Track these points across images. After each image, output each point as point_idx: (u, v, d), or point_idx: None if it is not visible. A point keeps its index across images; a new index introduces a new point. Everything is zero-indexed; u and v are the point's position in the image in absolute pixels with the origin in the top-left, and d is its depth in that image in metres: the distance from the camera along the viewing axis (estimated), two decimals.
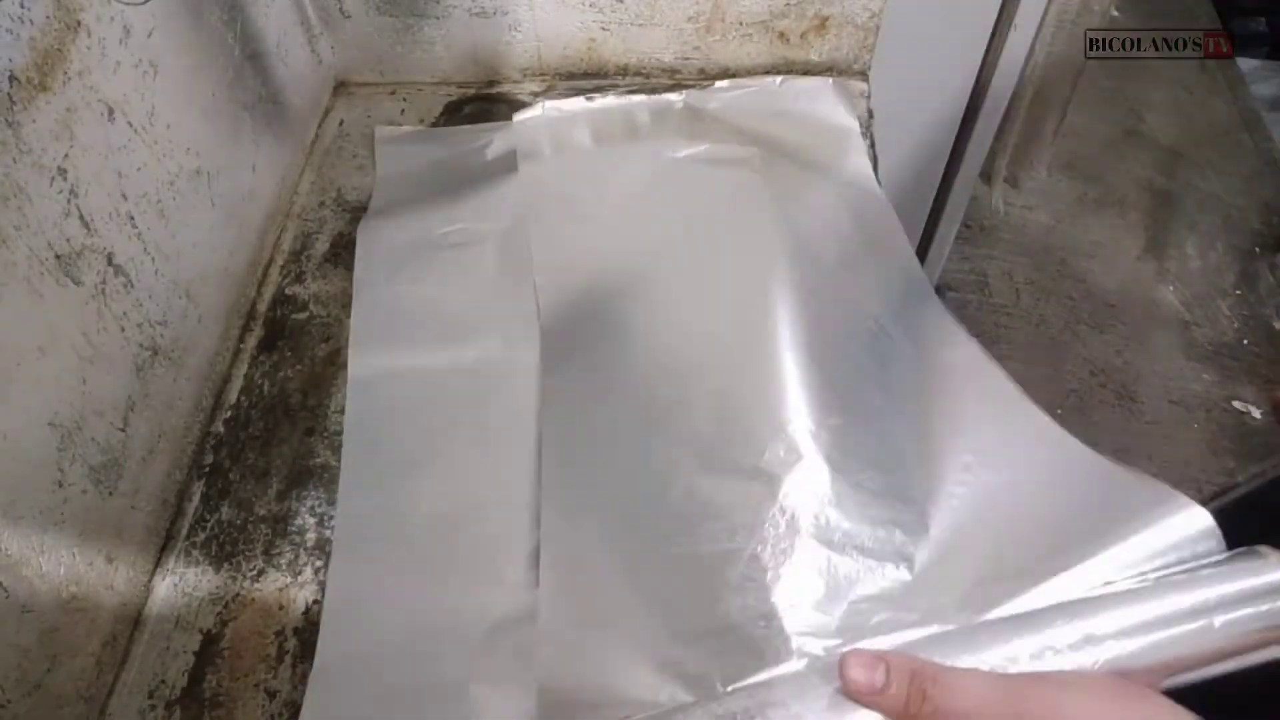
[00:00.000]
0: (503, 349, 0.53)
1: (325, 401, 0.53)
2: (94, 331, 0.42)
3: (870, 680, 0.30)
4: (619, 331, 0.52)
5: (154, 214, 0.47)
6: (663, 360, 0.50)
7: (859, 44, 0.69)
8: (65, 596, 0.40)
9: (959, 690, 0.29)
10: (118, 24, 0.44)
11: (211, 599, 0.46)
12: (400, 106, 0.72)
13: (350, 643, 0.43)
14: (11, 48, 0.37)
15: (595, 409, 0.49)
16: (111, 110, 0.44)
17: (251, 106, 0.59)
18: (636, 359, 0.51)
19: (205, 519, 0.49)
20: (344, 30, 0.69)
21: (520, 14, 0.68)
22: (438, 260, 0.59)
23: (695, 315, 0.52)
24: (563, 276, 0.56)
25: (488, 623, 0.43)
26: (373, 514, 0.47)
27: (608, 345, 0.52)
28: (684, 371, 0.49)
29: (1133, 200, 1.44)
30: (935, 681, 0.29)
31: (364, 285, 0.58)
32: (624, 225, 0.59)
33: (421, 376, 0.53)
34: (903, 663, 0.30)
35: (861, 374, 0.47)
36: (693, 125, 0.65)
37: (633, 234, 0.58)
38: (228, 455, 0.51)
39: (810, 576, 0.38)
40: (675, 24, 0.68)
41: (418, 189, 0.64)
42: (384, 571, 0.45)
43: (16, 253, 0.37)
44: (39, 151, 0.39)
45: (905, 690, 0.29)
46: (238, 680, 0.43)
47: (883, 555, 0.38)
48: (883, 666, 0.30)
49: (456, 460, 0.49)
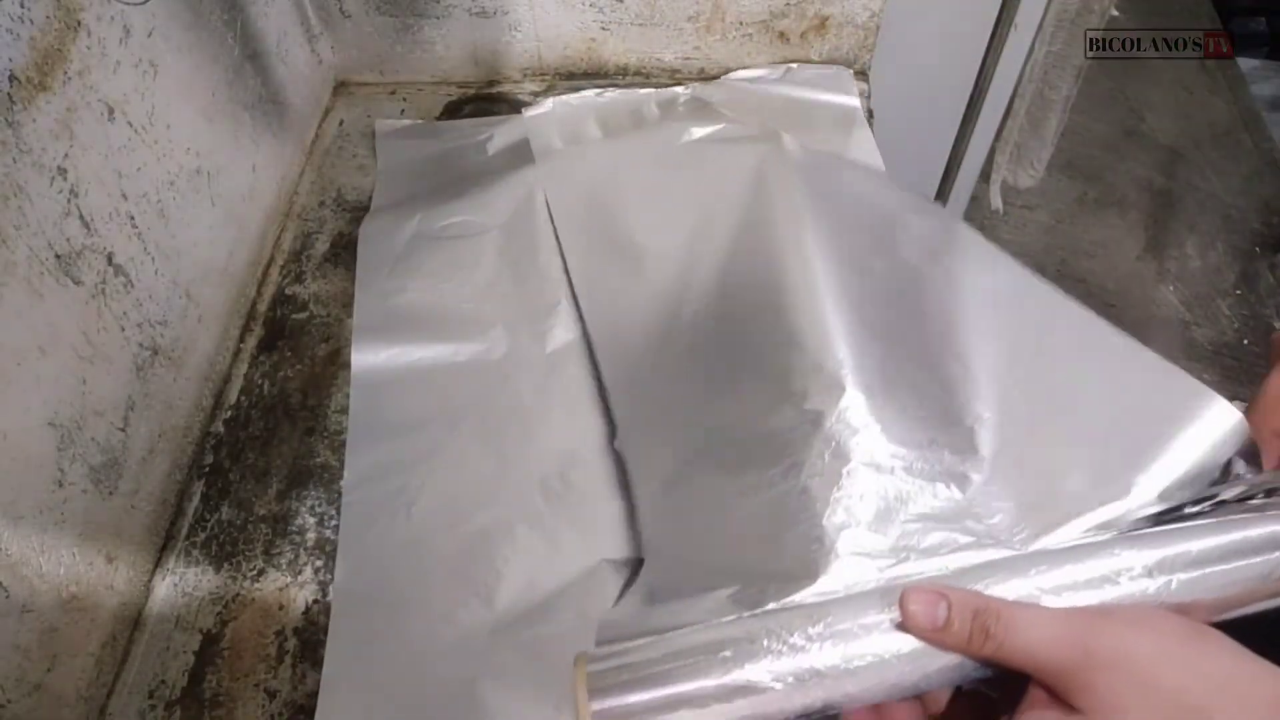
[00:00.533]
0: (505, 340, 0.54)
1: (325, 401, 0.53)
2: (94, 331, 0.42)
3: (932, 616, 0.29)
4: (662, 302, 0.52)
5: (154, 214, 0.47)
6: (707, 325, 0.50)
7: (859, 44, 0.69)
8: (65, 596, 0.40)
9: (1023, 627, 0.28)
10: (118, 24, 0.44)
11: (211, 599, 0.46)
12: (400, 106, 0.72)
13: (358, 642, 0.43)
14: (12, 47, 0.37)
15: (651, 377, 0.49)
16: (111, 110, 0.44)
17: (251, 106, 0.59)
18: (683, 327, 0.51)
19: (205, 519, 0.49)
20: (344, 30, 0.69)
21: (520, 14, 0.68)
22: (439, 253, 0.59)
23: (732, 278, 0.52)
24: (596, 257, 0.56)
25: (494, 618, 0.43)
26: (377, 510, 0.47)
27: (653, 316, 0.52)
28: (729, 332, 0.50)
29: (1133, 200, 1.44)
30: (999, 618, 0.28)
31: (367, 278, 0.58)
32: (651, 204, 0.59)
33: (424, 369, 0.53)
34: (965, 599, 0.29)
35: (899, 308, 0.47)
36: (702, 112, 0.66)
37: (661, 210, 0.58)
38: (228, 455, 0.51)
39: (860, 501, 0.38)
40: (675, 24, 0.68)
41: (419, 182, 0.64)
42: (389, 568, 0.45)
43: (16, 252, 0.37)
44: (39, 151, 0.39)
45: (968, 627, 0.28)
46: (238, 680, 0.43)
47: (933, 475, 0.38)
48: (944, 603, 0.29)
49: (459, 454, 0.49)
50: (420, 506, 0.47)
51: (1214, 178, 1.47)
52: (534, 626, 0.42)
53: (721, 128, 0.62)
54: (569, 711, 0.40)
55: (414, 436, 0.50)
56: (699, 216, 0.56)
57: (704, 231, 0.55)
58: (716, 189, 0.58)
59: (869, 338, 0.45)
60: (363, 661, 0.42)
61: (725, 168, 0.59)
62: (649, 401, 0.49)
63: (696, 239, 0.55)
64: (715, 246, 0.54)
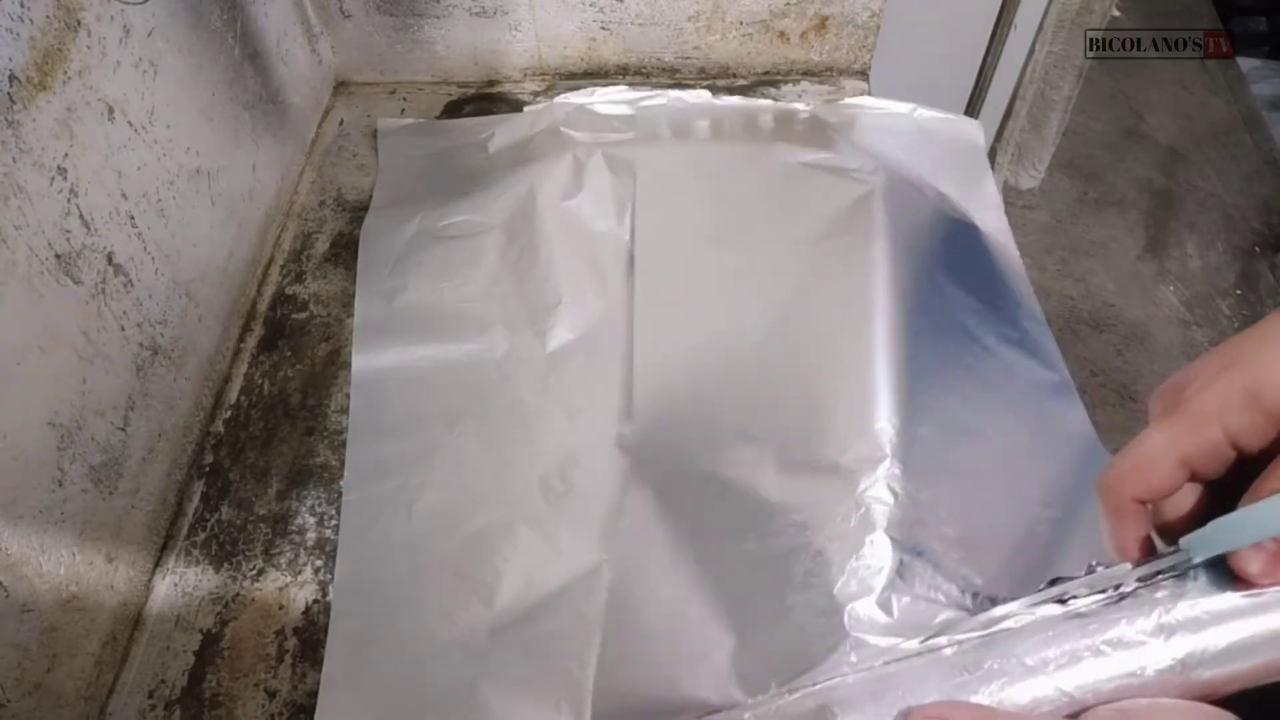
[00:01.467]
0: (506, 339, 0.54)
1: (325, 401, 0.53)
2: (94, 331, 0.42)
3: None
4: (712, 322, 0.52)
5: (154, 213, 0.47)
6: (754, 355, 0.50)
7: (859, 43, 0.69)
8: (65, 596, 0.40)
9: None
10: (118, 23, 0.44)
11: (211, 598, 0.46)
12: (400, 106, 0.72)
13: (358, 641, 0.43)
14: (11, 47, 0.37)
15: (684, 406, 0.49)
16: (111, 110, 0.44)
17: (251, 106, 0.59)
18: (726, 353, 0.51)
19: (205, 518, 0.49)
20: (344, 30, 0.69)
21: (520, 13, 0.68)
22: (440, 252, 0.59)
23: (792, 311, 0.52)
24: (662, 263, 0.56)
25: (494, 618, 0.43)
26: (377, 510, 0.47)
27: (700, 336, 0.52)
28: (774, 367, 0.49)
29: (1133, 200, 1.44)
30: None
31: (367, 277, 0.58)
32: (731, 220, 0.58)
33: (425, 369, 0.53)
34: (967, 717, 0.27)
35: (954, 388, 0.47)
36: (817, 135, 0.64)
37: (739, 228, 0.58)
38: (228, 455, 0.51)
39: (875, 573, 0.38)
40: (676, 23, 0.68)
41: (420, 181, 0.64)
42: (389, 567, 0.45)
43: (16, 252, 0.37)
44: (39, 151, 0.39)
45: None
46: (238, 680, 0.43)
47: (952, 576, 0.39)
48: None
49: (459, 454, 0.49)
50: (420, 506, 0.47)
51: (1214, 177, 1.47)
52: (534, 626, 0.42)
53: (829, 155, 0.61)
54: (568, 711, 0.40)
55: (414, 436, 0.50)
56: (773, 240, 0.56)
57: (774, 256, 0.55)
58: (801, 215, 0.57)
59: (921, 407, 0.45)
60: (363, 661, 0.42)
61: (816, 199, 0.58)
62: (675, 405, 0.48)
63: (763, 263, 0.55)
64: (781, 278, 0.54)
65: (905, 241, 0.54)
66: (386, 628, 0.43)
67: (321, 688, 0.41)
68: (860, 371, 0.47)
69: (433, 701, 0.41)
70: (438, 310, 0.56)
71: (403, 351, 0.53)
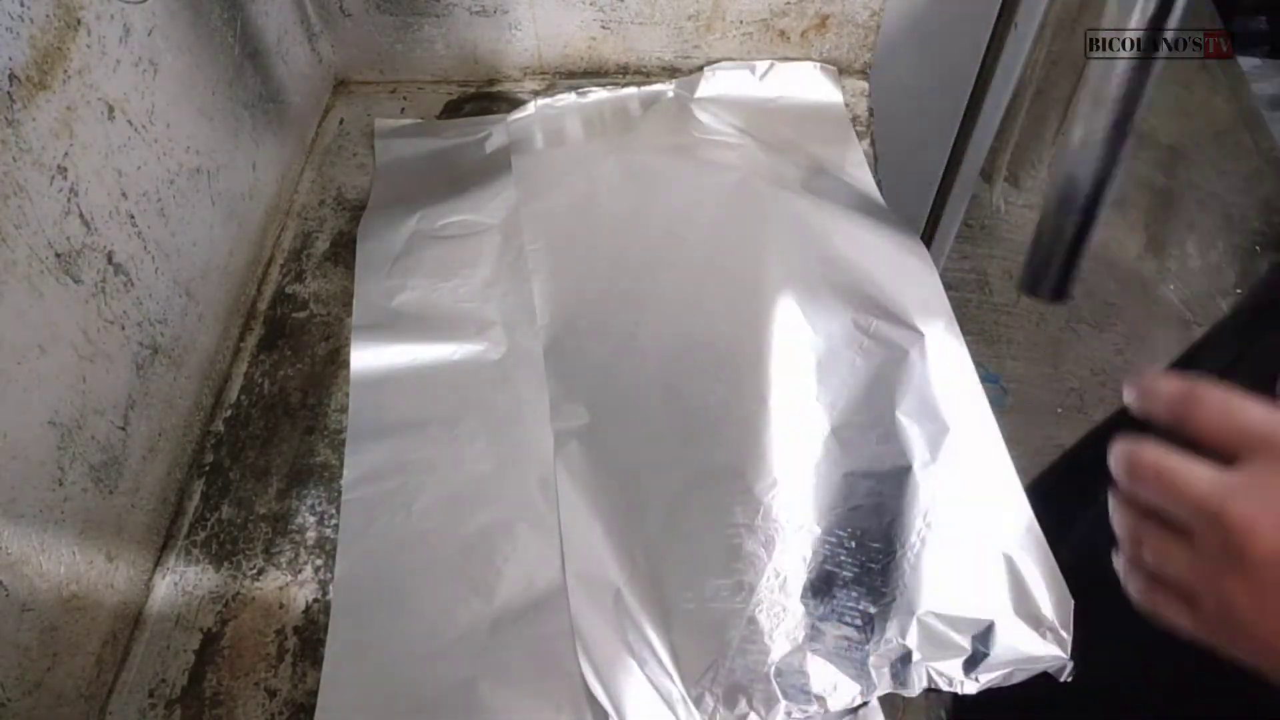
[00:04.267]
0: (505, 339, 0.54)
1: (325, 400, 0.53)
2: (94, 330, 0.42)
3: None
4: (619, 341, 0.53)
5: (154, 212, 0.47)
6: (666, 379, 0.51)
7: (859, 43, 0.69)
8: (65, 595, 0.40)
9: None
10: (118, 22, 0.44)
11: (212, 597, 0.46)
12: (400, 105, 0.72)
13: (358, 640, 0.43)
14: (11, 46, 0.37)
15: (605, 430, 0.49)
16: (111, 109, 0.44)
17: (251, 105, 0.59)
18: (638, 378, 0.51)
19: (205, 518, 0.49)
20: (344, 29, 0.69)
21: (520, 13, 0.68)
22: (438, 251, 0.59)
23: (691, 318, 0.54)
24: (561, 273, 0.56)
25: (494, 617, 0.43)
26: (377, 509, 0.47)
27: (609, 356, 0.53)
28: (683, 391, 0.51)
29: (1133, 200, 1.44)
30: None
31: (366, 276, 0.58)
32: (618, 218, 0.59)
33: (424, 368, 0.53)
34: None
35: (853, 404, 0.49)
36: (683, 116, 0.66)
37: (628, 227, 0.59)
38: (228, 454, 0.51)
39: (798, 639, 0.41)
40: (676, 22, 0.68)
41: (417, 181, 0.64)
42: (389, 566, 0.45)
43: (17, 251, 0.37)
44: (39, 150, 0.39)
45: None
46: (238, 679, 0.43)
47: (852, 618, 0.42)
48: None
49: (459, 453, 0.49)
50: (420, 505, 0.47)
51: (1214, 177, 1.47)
52: (534, 625, 0.42)
53: (701, 137, 0.63)
54: (568, 711, 0.40)
55: (414, 435, 0.50)
56: (664, 239, 0.58)
57: (666, 257, 0.57)
58: (685, 206, 0.59)
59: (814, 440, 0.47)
60: (363, 660, 0.42)
61: (697, 185, 0.60)
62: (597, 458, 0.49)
63: (659, 265, 0.57)
64: (676, 278, 0.56)
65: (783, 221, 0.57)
66: (387, 627, 0.43)
67: (321, 687, 0.41)
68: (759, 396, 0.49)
69: (433, 700, 0.41)
70: (436, 310, 0.56)
71: (402, 351, 0.53)
